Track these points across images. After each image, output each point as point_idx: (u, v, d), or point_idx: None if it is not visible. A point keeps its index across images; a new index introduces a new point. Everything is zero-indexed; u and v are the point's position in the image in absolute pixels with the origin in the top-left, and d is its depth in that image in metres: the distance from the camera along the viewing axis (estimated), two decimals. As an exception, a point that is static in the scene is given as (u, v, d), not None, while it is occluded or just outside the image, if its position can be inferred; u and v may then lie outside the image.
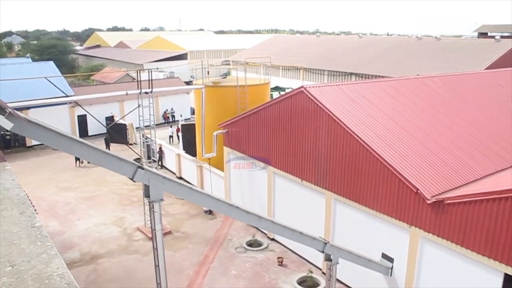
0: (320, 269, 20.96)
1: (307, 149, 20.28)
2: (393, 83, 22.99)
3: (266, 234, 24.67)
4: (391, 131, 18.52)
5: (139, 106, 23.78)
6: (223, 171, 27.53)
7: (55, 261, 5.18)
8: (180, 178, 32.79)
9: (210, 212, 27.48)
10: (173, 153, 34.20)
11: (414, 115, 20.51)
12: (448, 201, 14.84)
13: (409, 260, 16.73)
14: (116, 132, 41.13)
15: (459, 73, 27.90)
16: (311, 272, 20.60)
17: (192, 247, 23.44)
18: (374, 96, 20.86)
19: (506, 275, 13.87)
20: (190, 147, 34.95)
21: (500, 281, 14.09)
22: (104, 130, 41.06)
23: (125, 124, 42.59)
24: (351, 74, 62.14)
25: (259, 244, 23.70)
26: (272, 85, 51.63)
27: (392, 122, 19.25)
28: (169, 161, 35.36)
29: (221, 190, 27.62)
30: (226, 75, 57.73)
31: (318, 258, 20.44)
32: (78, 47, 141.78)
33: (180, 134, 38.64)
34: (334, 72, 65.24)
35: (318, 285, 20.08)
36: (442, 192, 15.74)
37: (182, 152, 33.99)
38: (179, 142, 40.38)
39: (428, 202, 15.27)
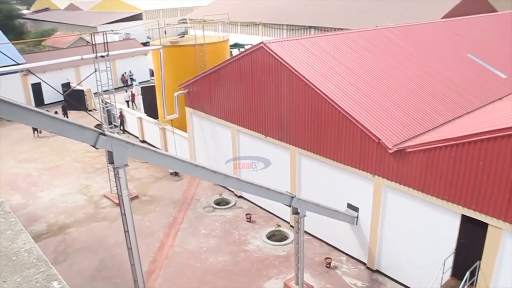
0: (288, 223, 21.44)
1: (270, 105, 20.26)
2: (352, 35, 22.98)
3: (233, 192, 24.90)
4: (352, 83, 18.65)
5: (96, 70, 23.01)
6: (186, 132, 27.31)
7: (21, 236, 5.04)
8: (144, 141, 32.40)
9: (176, 173, 27.42)
10: (135, 116, 33.59)
11: (374, 66, 20.68)
12: (409, 150, 15.25)
13: (374, 208, 17.28)
14: (74, 99, 39.86)
15: (416, 23, 28.10)
16: (279, 226, 21.05)
17: (160, 210, 23.45)
18: (334, 49, 20.84)
19: (463, 216, 14.56)
20: (151, 110, 34.38)
21: (458, 222, 14.80)
22: (61, 98, 39.78)
23: (82, 90, 41.32)
24: (311, 27, 61.76)
25: (227, 202, 23.95)
26: (231, 42, 50.90)
27: (352, 74, 19.37)
28: (131, 125, 34.76)
29: (186, 151, 27.49)
30: (184, 34, 56.29)
31: (285, 212, 20.87)
32: (25, 11, 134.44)
33: (140, 98, 37.73)
34: (293, 26, 64.69)
35: (287, 238, 20.58)
36: (403, 141, 16.14)
37: (144, 115, 33.43)
38: (134, 109, 39.62)
39: (390, 151, 15.65)
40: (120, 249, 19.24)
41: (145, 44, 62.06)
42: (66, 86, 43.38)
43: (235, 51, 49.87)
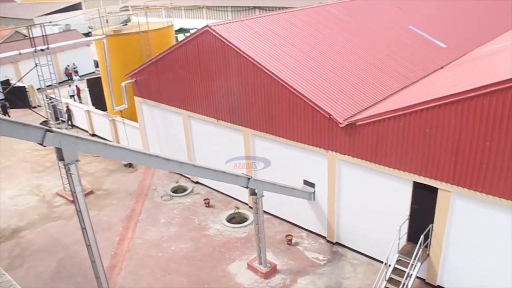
0: (247, 204, 21.59)
1: (220, 89, 20.14)
2: (297, 13, 23.08)
3: (189, 179, 24.77)
4: (300, 61, 18.79)
5: (36, 65, 22.05)
6: (137, 122, 26.79)
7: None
8: (94, 135, 31.57)
9: (130, 165, 26.94)
10: (82, 110, 32.59)
11: (320, 43, 20.88)
12: (359, 123, 15.59)
13: (329, 182, 17.64)
14: (15, 97, 38.19)
15: (358, -3, 28.51)
16: (238, 208, 21.16)
17: (117, 203, 23.04)
18: (280, 28, 20.88)
19: (414, 183, 15.12)
20: (99, 102, 33.45)
21: (410, 189, 15.36)
22: (1, 96, 38.00)
23: (24, 87, 39.58)
24: (255, 8, 61.55)
25: (184, 189, 23.81)
26: (176, 28, 50.08)
27: (300, 52, 19.49)
28: (79, 119, 33.72)
29: (138, 141, 27.01)
30: (126, 22, 54.84)
31: (243, 194, 21.00)
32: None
33: (87, 91, 36.56)
34: (238, 7, 64.26)
35: (247, 219, 20.74)
36: (353, 115, 16.49)
37: (92, 108, 32.50)
38: (80, 102, 38.45)
39: (341, 125, 15.95)
40: (79, 247, 18.81)
41: (87, 34, 59.95)
42: (5, 83, 41.44)
43: (181, 36, 49.08)
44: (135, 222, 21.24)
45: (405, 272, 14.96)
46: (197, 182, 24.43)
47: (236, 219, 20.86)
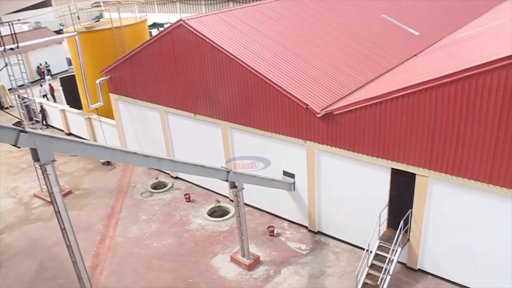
0: (228, 197, 21.59)
1: (196, 83, 20.02)
2: (271, 5, 23.03)
3: (169, 174, 24.64)
4: (276, 53, 18.79)
5: (6, 65, 21.55)
6: (113, 119, 26.48)
7: None
8: (70, 134, 31.09)
9: (108, 163, 26.64)
10: (57, 109, 32.02)
11: (295, 34, 20.91)
12: (336, 112, 15.71)
13: (308, 172, 17.75)
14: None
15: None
16: (218, 202, 21.15)
17: (96, 202, 22.78)
18: (254, 20, 20.82)
19: (392, 169, 15.33)
20: (74, 100, 32.91)
21: (388, 176, 15.57)
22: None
23: (-6, 87, 38.74)
24: (229, 0, 61.23)
25: (164, 185, 23.67)
26: (150, 23, 49.48)
27: (275, 44, 19.49)
28: (54, 119, 33.13)
29: (116, 138, 26.71)
30: (98, 18, 53.95)
31: (223, 188, 20.99)
32: None
33: (60, 90, 35.90)
34: (212, 0, 63.79)
35: (228, 212, 20.75)
36: (330, 104, 16.59)
37: (67, 107, 31.96)
38: (55, 101, 37.75)
39: (318, 115, 16.04)
40: (60, 248, 18.55)
41: (58, 32, 58.84)
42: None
43: (155, 31, 48.55)
44: (115, 220, 21.05)
45: (386, 257, 15.20)
46: (177, 178, 24.31)
47: (217, 212, 20.85)
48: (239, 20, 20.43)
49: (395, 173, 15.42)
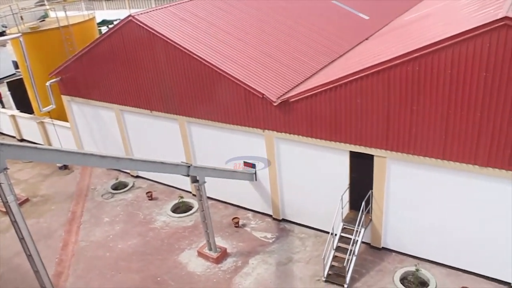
0: (190, 192, 21.44)
1: (150, 79, 19.69)
2: (221, -4, 22.83)
3: (129, 174, 24.23)
4: (229, 45, 18.69)
5: None
6: (67, 121, 25.74)
7: None
8: (22, 140, 30.05)
9: (65, 167, 25.93)
10: (6, 115, 30.83)
11: (247, 24, 20.86)
12: (292, 99, 15.81)
13: (269, 161, 17.82)
14: None
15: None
16: (181, 197, 21.01)
17: (56, 208, 22.15)
18: (206, 12, 20.63)
19: (351, 152, 15.61)
20: (24, 105, 31.76)
21: (347, 159, 15.84)
22: None
23: None
24: (179, -6, 60.35)
25: (125, 185, 23.27)
26: (99, 20, 48.24)
27: (228, 35, 19.39)
28: (4, 125, 31.89)
29: (72, 141, 25.99)
30: (44, 17, 52.10)
31: (185, 183, 20.80)
32: None
33: (9, 95, 34.53)
34: (161, -6, 62.79)
35: (192, 207, 20.63)
36: (286, 92, 16.68)
37: (17, 112, 30.81)
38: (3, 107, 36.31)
39: (275, 104, 16.10)
40: (21, 259, 17.89)
41: (1, 34, 56.50)
42: None
43: (104, 29, 47.40)
44: (77, 225, 20.56)
45: (351, 239, 15.51)
46: (137, 176, 23.94)
47: (181, 208, 20.70)
48: (191, 13, 20.20)
49: (353, 155, 15.71)
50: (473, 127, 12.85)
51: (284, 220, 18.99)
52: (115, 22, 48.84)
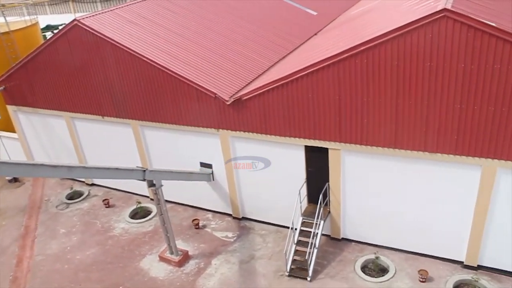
0: (148, 197, 21.12)
1: (100, 84, 19.22)
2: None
3: (84, 182, 23.61)
4: (180, 46, 18.52)
5: None
6: (15, 132, 24.79)
7: None
8: (-32, 154, 28.72)
9: (15, 179, 24.97)
10: None
11: (198, 25, 20.72)
12: (245, 97, 15.84)
13: (225, 160, 17.79)
14: None
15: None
16: (139, 203, 20.68)
17: (7, 223, 21.29)
18: (154, 14, 20.34)
19: (306, 147, 15.81)
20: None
21: (302, 153, 16.03)
22: None
23: None
24: (126, -4, 59.36)
25: (80, 194, 22.65)
26: (42, 25, 46.79)
27: (178, 36, 19.20)
28: None
29: (21, 153, 25.05)
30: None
31: (142, 188, 20.44)
32: None
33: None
34: (107, -3, 61.50)
35: (151, 212, 20.35)
36: (239, 91, 16.69)
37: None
38: None
39: (228, 103, 16.08)
40: (-29, 278, 17.22)
41: None
42: None
43: (49, 34, 45.98)
44: (31, 239, 19.85)
45: (311, 232, 15.71)
46: (93, 184, 23.37)
47: (139, 214, 20.37)
48: (138, 15, 19.87)
49: (309, 150, 15.91)
50: (421, 115, 13.30)
51: (244, 218, 19.03)
52: (60, 27, 47.59)
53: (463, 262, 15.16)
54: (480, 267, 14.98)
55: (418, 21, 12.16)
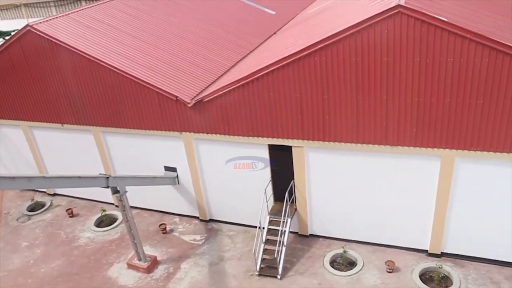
0: (113, 204, 20.75)
1: (57, 91, 18.72)
2: (127, 1, 22.15)
3: (46, 192, 22.98)
4: (138, 49, 18.26)
5: None
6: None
7: None
8: None
9: (-28, 193, 24.11)
10: None
11: (156, 27, 20.48)
12: (206, 99, 15.78)
13: (190, 163, 17.72)
14: None
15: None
16: (104, 210, 20.30)
17: (-35, 238, 20.55)
18: (111, 18, 19.97)
19: (269, 146, 15.89)
20: None
21: (266, 152, 16.11)
22: None
23: None
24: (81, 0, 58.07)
25: (42, 205, 22.01)
26: (-6, 32, 45.37)
27: (136, 40, 18.92)
28: None
29: (-23, 165, 24.19)
30: None
31: (106, 195, 20.01)
32: None
33: None
34: (61, 1, 59.95)
35: (116, 219, 20.01)
36: (200, 92, 16.61)
37: None
38: None
39: (189, 105, 15.97)
40: None
41: None
42: None
43: (0, 41, 44.56)
44: (-8, 253, 19.21)
45: (279, 230, 15.79)
46: (55, 194, 22.77)
47: (105, 222, 19.99)
48: (94, 19, 19.48)
49: (272, 148, 15.99)
50: (381, 110, 13.59)
51: (211, 220, 18.96)
52: (13, 33, 46.17)
53: (427, 250, 15.59)
54: (443, 254, 15.46)
55: (374, 17, 12.42)
